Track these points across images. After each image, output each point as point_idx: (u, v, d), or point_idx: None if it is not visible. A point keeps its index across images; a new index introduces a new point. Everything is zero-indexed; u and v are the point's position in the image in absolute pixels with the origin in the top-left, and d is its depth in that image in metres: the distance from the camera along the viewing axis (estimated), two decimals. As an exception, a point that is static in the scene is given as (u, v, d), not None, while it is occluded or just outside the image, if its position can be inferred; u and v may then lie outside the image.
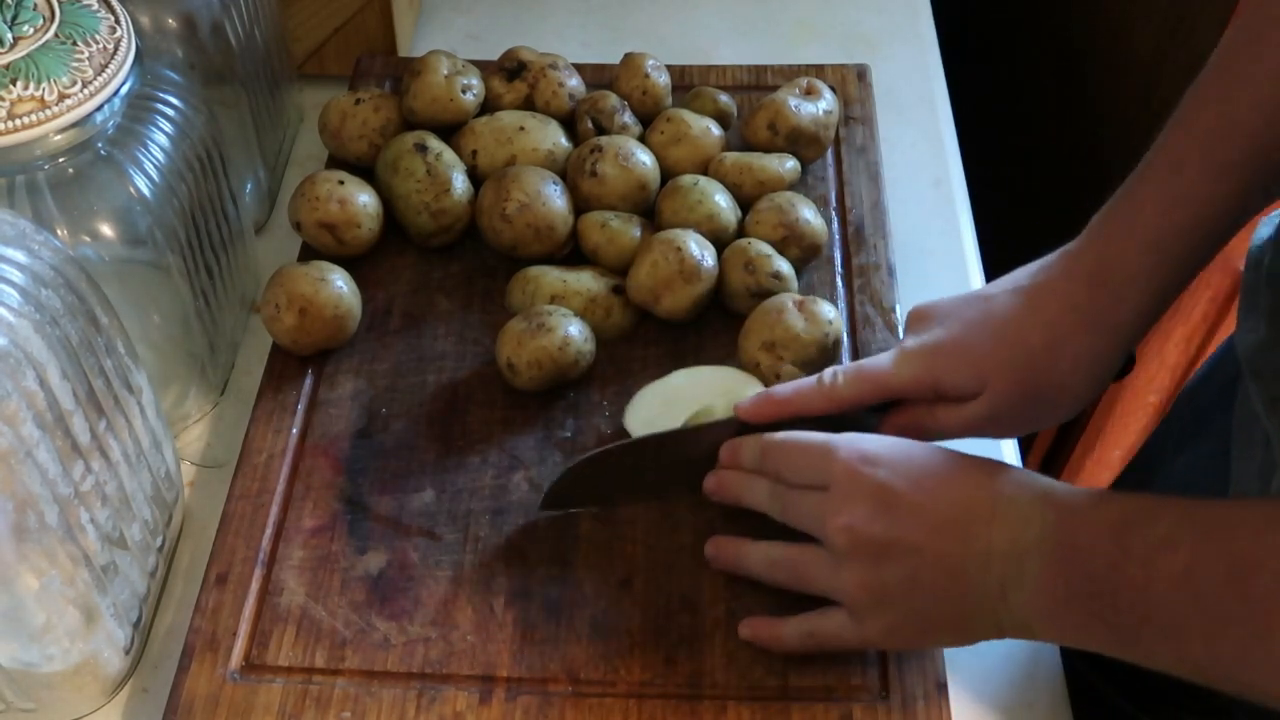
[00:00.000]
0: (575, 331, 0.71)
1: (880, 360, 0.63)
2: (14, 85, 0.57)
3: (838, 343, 0.72)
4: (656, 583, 0.65)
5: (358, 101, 0.83)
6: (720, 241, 0.77)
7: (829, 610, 0.59)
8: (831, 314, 0.71)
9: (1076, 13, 1.32)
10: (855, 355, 0.74)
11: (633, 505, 0.67)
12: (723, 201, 0.78)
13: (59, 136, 0.59)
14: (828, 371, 0.64)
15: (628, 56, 0.87)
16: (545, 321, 0.71)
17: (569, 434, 0.71)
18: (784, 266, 0.75)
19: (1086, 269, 0.59)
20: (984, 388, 0.60)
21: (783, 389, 0.65)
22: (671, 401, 0.71)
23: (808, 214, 0.77)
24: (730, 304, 0.75)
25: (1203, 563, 0.47)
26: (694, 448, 0.66)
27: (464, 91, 0.83)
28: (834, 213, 0.83)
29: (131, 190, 0.64)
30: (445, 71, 0.83)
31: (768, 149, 0.82)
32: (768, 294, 0.74)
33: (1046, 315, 0.59)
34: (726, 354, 0.74)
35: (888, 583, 0.56)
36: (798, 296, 0.72)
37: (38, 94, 0.58)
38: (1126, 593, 0.49)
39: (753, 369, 0.72)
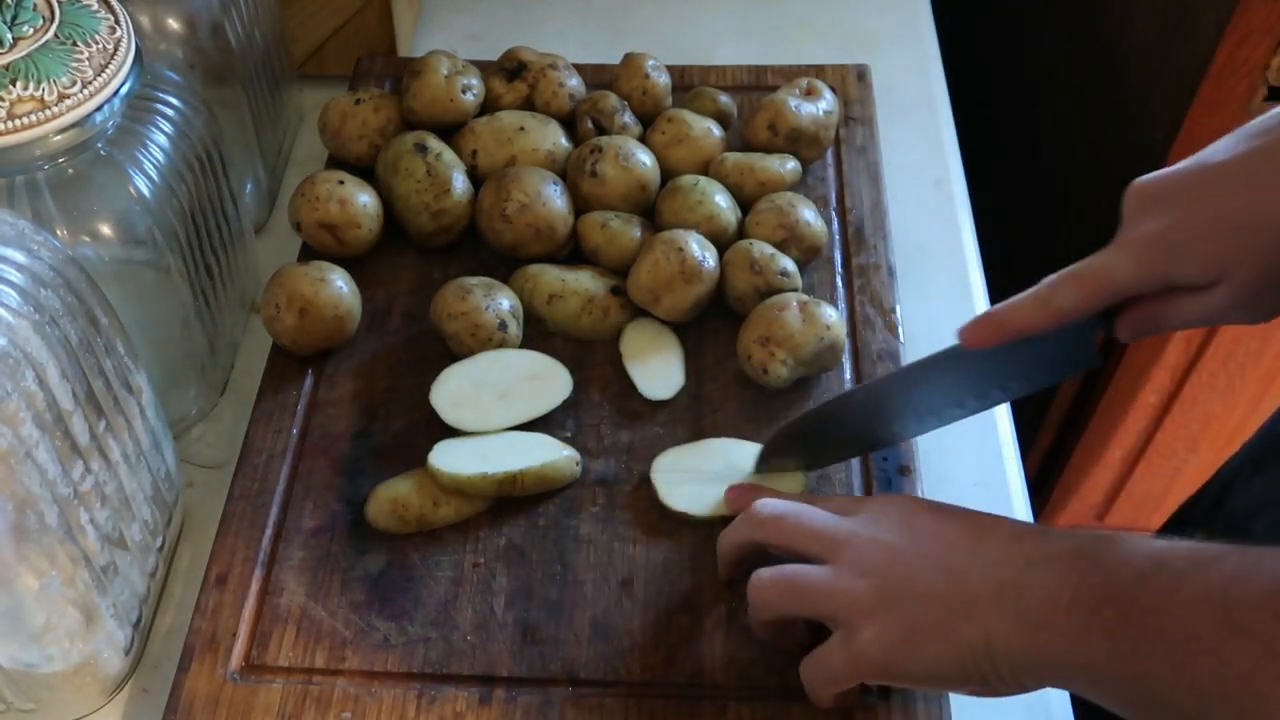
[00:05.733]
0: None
1: (1099, 259, 0.57)
2: (14, 85, 0.57)
3: (834, 345, 0.71)
4: (656, 583, 0.65)
5: (358, 102, 0.83)
6: (720, 242, 0.77)
7: (824, 643, 0.58)
8: (833, 318, 0.71)
9: (1077, 12, 1.32)
10: (855, 356, 0.74)
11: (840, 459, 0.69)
12: (723, 202, 0.78)
13: (59, 137, 0.59)
14: (1044, 281, 0.58)
15: (628, 57, 0.87)
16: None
17: (569, 434, 0.71)
18: (789, 265, 0.75)
19: None
20: (1222, 276, 0.55)
21: (999, 308, 0.60)
22: (479, 382, 0.71)
23: (808, 215, 0.77)
24: (737, 306, 0.75)
25: (1242, 579, 0.45)
26: (915, 389, 0.65)
27: (464, 91, 0.83)
28: (834, 213, 0.82)
29: (131, 190, 0.64)
30: (445, 71, 0.83)
31: (768, 149, 0.82)
32: (776, 293, 0.74)
33: None
34: (726, 354, 0.74)
35: (887, 581, 0.55)
36: (803, 297, 0.72)
37: (37, 94, 0.58)
38: (1145, 599, 0.47)
39: (745, 361, 0.72)
